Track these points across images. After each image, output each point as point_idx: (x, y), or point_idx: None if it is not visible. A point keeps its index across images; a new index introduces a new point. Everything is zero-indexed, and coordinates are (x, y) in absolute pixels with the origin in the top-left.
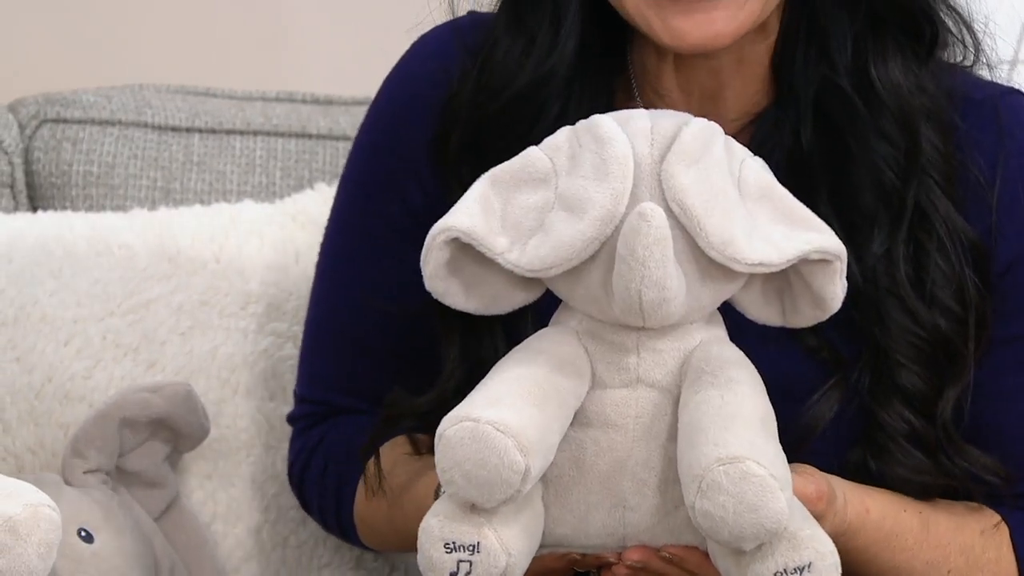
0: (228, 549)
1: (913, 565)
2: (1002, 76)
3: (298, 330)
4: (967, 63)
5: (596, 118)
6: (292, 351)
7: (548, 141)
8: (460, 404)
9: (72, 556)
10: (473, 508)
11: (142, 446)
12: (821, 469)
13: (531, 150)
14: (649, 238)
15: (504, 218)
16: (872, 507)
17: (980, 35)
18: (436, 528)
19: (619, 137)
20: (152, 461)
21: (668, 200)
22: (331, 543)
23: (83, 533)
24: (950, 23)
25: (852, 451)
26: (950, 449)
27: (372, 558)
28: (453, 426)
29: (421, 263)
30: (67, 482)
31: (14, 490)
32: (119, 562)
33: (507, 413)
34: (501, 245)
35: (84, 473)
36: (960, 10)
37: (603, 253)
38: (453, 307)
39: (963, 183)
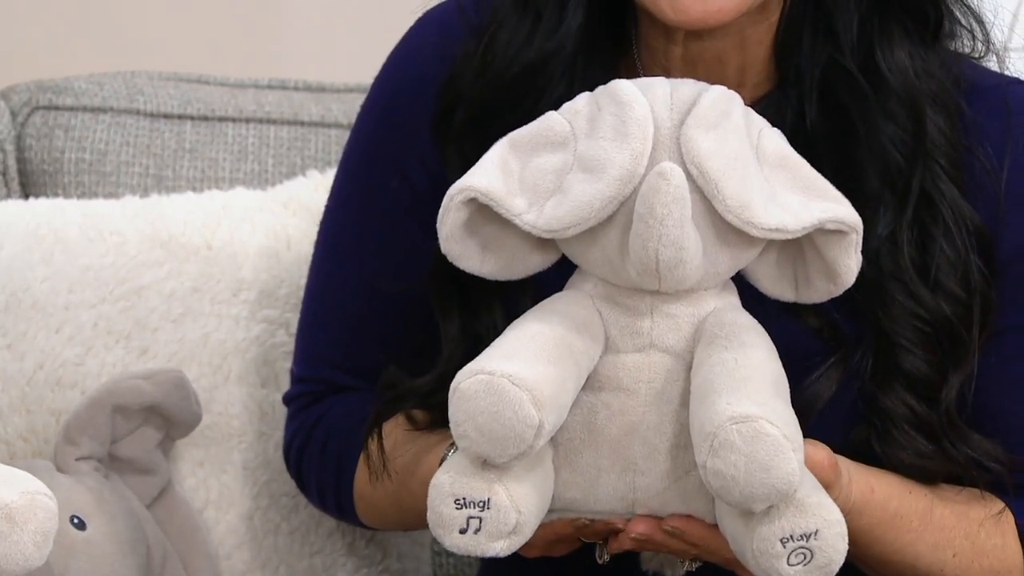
0: (220, 536)
1: (917, 548)
2: (992, 64)
3: (290, 317)
4: (975, 55)
5: (616, 82)
6: (284, 338)
7: (567, 106)
8: (476, 359)
9: (64, 543)
10: (484, 465)
11: (134, 433)
12: None
13: (550, 114)
14: (668, 196)
15: (522, 180)
16: (877, 487)
17: (989, 26)
18: (447, 484)
19: (639, 99)
20: (144, 448)
21: (686, 163)
22: (323, 529)
23: (76, 520)
24: (958, 14)
25: (855, 432)
26: (953, 435)
27: (364, 544)
28: (468, 379)
29: (438, 224)
30: (59, 469)
31: (10, 477)
32: (111, 549)
33: (522, 367)
34: (519, 206)
35: (76, 460)
36: (968, 1)
37: (620, 215)
38: (468, 271)
39: (969, 169)
